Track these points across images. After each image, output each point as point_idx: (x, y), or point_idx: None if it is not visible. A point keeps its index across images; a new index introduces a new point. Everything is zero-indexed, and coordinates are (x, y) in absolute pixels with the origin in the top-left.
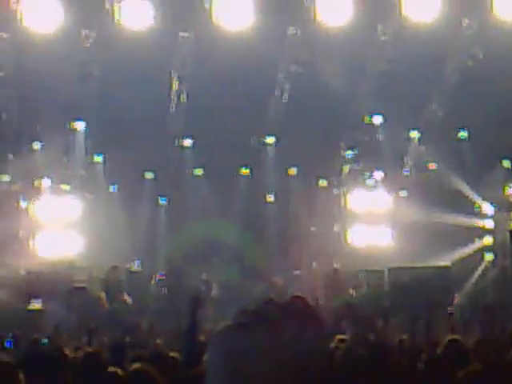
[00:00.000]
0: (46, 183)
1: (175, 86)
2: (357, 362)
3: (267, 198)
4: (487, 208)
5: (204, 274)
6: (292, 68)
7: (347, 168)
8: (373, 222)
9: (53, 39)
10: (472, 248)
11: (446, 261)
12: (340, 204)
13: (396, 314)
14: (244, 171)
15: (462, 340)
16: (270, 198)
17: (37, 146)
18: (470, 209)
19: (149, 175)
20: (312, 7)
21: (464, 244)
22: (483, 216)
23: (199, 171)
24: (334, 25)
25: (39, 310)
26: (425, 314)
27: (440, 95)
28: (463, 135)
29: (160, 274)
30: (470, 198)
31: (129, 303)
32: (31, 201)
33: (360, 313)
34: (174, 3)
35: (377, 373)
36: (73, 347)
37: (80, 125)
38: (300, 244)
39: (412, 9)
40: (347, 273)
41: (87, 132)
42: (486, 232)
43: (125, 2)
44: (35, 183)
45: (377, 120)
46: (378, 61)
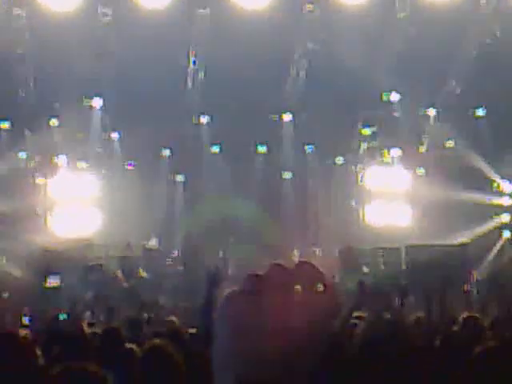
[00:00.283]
0: (63, 160)
1: (192, 64)
2: (374, 340)
3: (284, 176)
4: (505, 186)
5: (221, 252)
6: (309, 45)
7: (364, 145)
8: (390, 200)
9: (70, 16)
10: (490, 226)
11: (464, 238)
12: (357, 181)
13: (413, 292)
14: (261, 148)
15: (479, 317)
16: (287, 175)
17: (54, 123)
18: (488, 186)
19: (166, 152)
20: None
21: (481, 222)
22: (501, 194)
23: (216, 148)
24: (351, 2)
25: (56, 287)
26: (441, 292)
27: (457, 72)
28: (481, 112)
29: (177, 252)
30: (488, 176)
31: (145, 278)
32: (48, 178)
33: (375, 290)
34: None
35: (393, 350)
36: (90, 324)
37: (97, 102)
38: (317, 221)
39: None
40: (363, 250)
41: (104, 109)
42: (504, 210)
43: None
44: (52, 160)
45: (394, 97)
46: (396, 38)
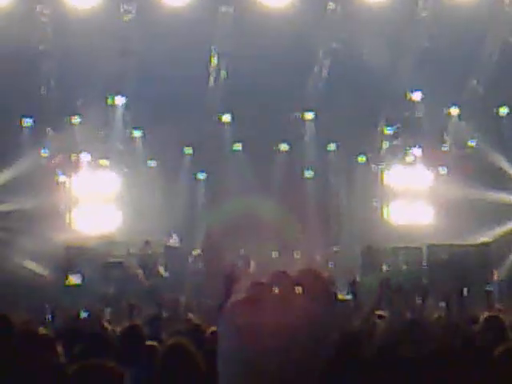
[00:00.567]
0: (85, 158)
1: (215, 62)
2: (394, 339)
3: (306, 174)
4: None
5: (242, 250)
6: (332, 44)
7: (386, 144)
8: (412, 199)
9: (92, 14)
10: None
11: (485, 238)
12: (379, 180)
13: (433, 292)
14: (283, 146)
15: (501, 317)
16: (309, 174)
17: (76, 121)
18: (510, 186)
19: (188, 150)
20: None
21: (503, 221)
22: None
23: (238, 146)
24: (374, 0)
25: (77, 285)
26: (461, 291)
27: (480, 71)
28: (504, 111)
29: (198, 250)
30: (510, 175)
31: (165, 276)
32: (70, 175)
33: (396, 290)
34: None
35: (414, 349)
36: (112, 321)
37: (119, 100)
38: (338, 220)
39: None
40: (385, 250)
41: (126, 107)
42: None
43: None
44: (74, 158)
45: (417, 96)
46: (419, 37)
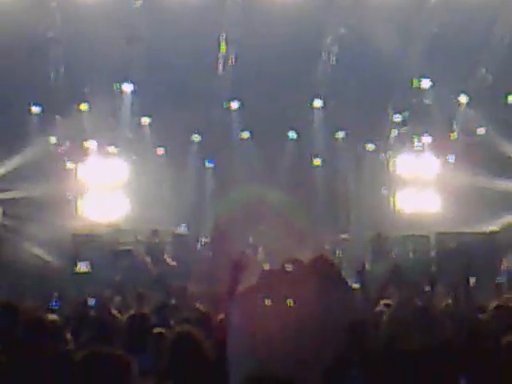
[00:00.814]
0: (93, 145)
1: (223, 49)
2: (402, 327)
3: (314, 162)
4: None
5: (250, 238)
6: (340, 31)
7: (395, 132)
8: (420, 187)
9: (100, 1)
10: None
11: (494, 226)
12: (387, 168)
13: (442, 280)
14: (291, 134)
15: (510, 306)
16: (317, 162)
17: (84, 108)
18: None
19: (196, 137)
20: None
21: None
22: None
23: (246, 134)
24: None
25: (86, 272)
26: (468, 280)
27: (489, 59)
28: None
29: (206, 238)
30: None
31: (172, 265)
32: (78, 162)
33: (406, 277)
34: None
35: (421, 337)
36: (120, 309)
37: (127, 87)
38: (347, 208)
39: None
40: (393, 238)
41: (135, 94)
42: None
43: None
44: (82, 145)
45: (425, 84)
46: (428, 23)
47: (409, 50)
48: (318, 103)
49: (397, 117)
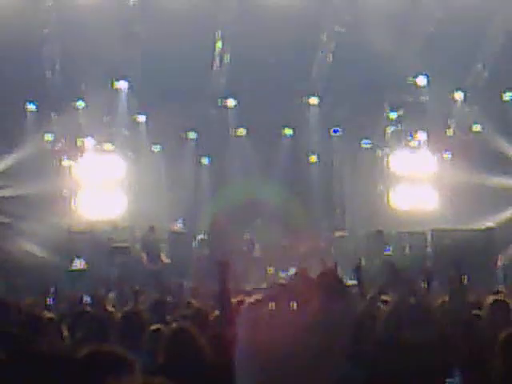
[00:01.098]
0: (89, 142)
1: (219, 46)
2: (399, 324)
3: (310, 159)
4: None
5: (246, 234)
6: (336, 28)
7: (391, 129)
8: (416, 184)
9: None
10: None
11: (490, 223)
12: (383, 165)
13: (438, 276)
14: (287, 131)
15: (507, 302)
16: (313, 159)
17: (80, 105)
18: None
19: (191, 135)
20: None
21: (508, 206)
22: None
23: (242, 131)
24: None
25: (81, 270)
26: (462, 276)
27: (485, 56)
28: (508, 96)
29: (202, 235)
30: None
31: (166, 263)
32: (74, 160)
33: (401, 274)
34: None
35: (418, 334)
36: (116, 306)
37: (123, 84)
38: (343, 205)
39: None
40: (390, 234)
41: (130, 91)
42: None
43: None
44: (78, 142)
45: (421, 81)
46: (423, 21)
47: (405, 47)
48: (314, 100)
49: (392, 114)
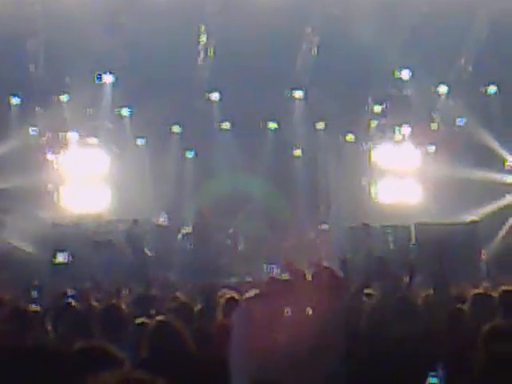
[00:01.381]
0: (74, 136)
1: (203, 39)
2: (383, 318)
3: (295, 152)
4: None
5: (231, 228)
6: (321, 21)
7: (375, 122)
8: (400, 177)
9: None
10: (500, 204)
11: (474, 216)
12: (367, 159)
13: (422, 270)
14: (271, 125)
15: (490, 294)
16: (298, 152)
17: (64, 99)
18: (499, 164)
19: (176, 128)
20: None
21: (492, 200)
22: (511, 172)
23: (226, 125)
24: None
25: (65, 263)
26: (448, 270)
27: (469, 50)
28: (492, 90)
29: (186, 228)
30: (499, 154)
31: (151, 255)
32: (58, 154)
33: (388, 268)
34: None
35: (402, 328)
36: (99, 300)
37: (108, 78)
38: (327, 198)
39: None
40: (374, 228)
41: (115, 85)
42: None
43: None
44: (63, 136)
45: (405, 74)
46: (408, 15)
47: (389, 41)
48: (299, 94)
49: (376, 108)
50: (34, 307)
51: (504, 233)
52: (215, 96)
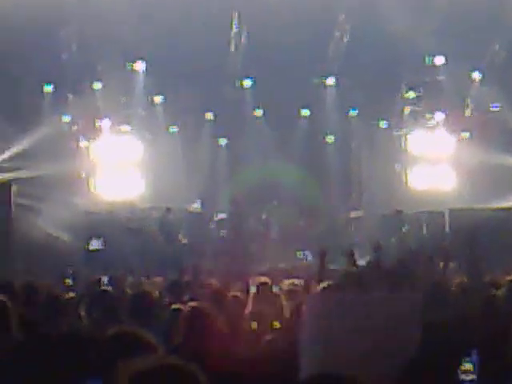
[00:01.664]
0: (106, 124)
1: (235, 27)
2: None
3: (327, 140)
4: None
5: (263, 215)
6: (352, 8)
7: (408, 109)
8: (434, 164)
9: None
10: None
11: (508, 203)
12: (400, 145)
13: (456, 256)
14: (304, 112)
15: None
16: (330, 139)
17: (97, 87)
18: None
19: (208, 116)
20: None
21: None
22: None
23: (259, 112)
24: None
25: (99, 250)
26: (482, 256)
27: (503, 35)
28: None
29: (220, 215)
30: None
31: (185, 243)
32: (91, 141)
33: (418, 253)
34: None
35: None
36: (132, 286)
37: (140, 65)
38: (360, 185)
39: None
40: (407, 214)
41: (147, 72)
42: None
43: None
44: (95, 124)
45: (439, 61)
46: (441, 0)
47: (422, 27)
48: (331, 81)
49: (410, 94)
50: (69, 294)
51: None
52: (247, 83)
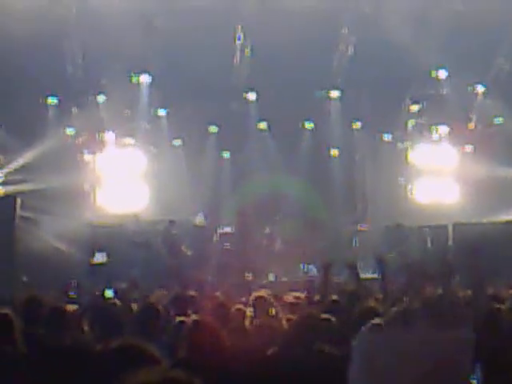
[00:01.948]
0: (110, 136)
1: (240, 39)
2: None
3: (331, 152)
4: None
5: (267, 228)
6: (357, 22)
7: (412, 122)
8: (437, 177)
9: None
10: None
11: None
12: (404, 158)
13: (460, 270)
14: (308, 125)
15: None
16: (335, 152)
17: (102, 99)
18: None
19: (213, 129)
20: None
21: None
22: None
23: (263, 125)
24: None
25: (103, 264)
26: (486, 270)
27: (506, 49)
28: None
29: (223, 228)
30: None
31: (189, 255)
32: (95, 154)
33: (421, 268)
34: None
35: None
36: (136, 300)
37: (144, 78)
38: (364, 198)
39: None
40: (411, 228)
41: (152, 85)
42: None
43: None
44: (99, 136)
45: (442, 74)
46: (444, 14)
47: (425, 40)
48: (335, 94)
49: (413, 107)
50: (72, 307)
51: None
52: (252, 96)
